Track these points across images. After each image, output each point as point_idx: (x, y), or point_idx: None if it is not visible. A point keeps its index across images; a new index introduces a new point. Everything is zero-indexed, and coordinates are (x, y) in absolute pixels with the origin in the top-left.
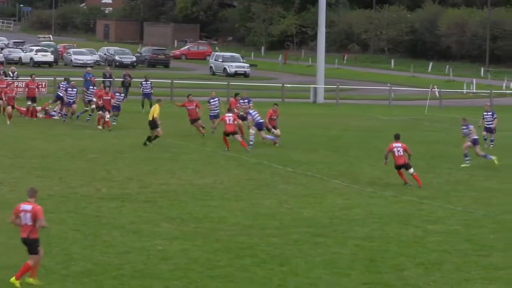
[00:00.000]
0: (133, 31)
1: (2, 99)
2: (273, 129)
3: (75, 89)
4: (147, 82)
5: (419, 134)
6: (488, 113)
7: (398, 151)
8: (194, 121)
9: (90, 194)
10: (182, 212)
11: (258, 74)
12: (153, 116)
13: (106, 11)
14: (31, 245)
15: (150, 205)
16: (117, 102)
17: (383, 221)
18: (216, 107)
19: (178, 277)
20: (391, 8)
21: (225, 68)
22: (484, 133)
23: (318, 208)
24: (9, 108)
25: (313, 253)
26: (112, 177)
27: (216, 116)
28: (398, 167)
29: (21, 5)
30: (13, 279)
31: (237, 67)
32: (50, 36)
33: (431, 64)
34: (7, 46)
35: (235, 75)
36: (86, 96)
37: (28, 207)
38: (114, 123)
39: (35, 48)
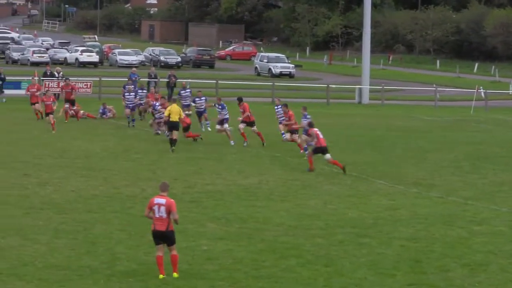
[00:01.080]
0: (178, 31)
1: (37, 103)
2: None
3: (132, 94)
4: (186, 91)
5: (464, 135)
6: None
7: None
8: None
9: (135, 194)
10: (227, 212)
11: (303, 75)
12: (179, 116)
13: (151, 12)
14: (171, 237)
15: (195, 205)
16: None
17: (428, 222)
18: (202, 105)
19: (223, 277)
20: (437, 8)
21: (270, 69)
22: None
23: (362, 209)
24: (49, 117)
25: (358, 253)
26: (157, 177)
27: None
28: (319, 151)
29: (66, 6)
30: (174, 274)
31: (282, 67)
32: (95, 36)
33: (476, 64)
34: (52, 46)
35: (280, 75)
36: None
37: (162, 200)
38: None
39: (81, 48)
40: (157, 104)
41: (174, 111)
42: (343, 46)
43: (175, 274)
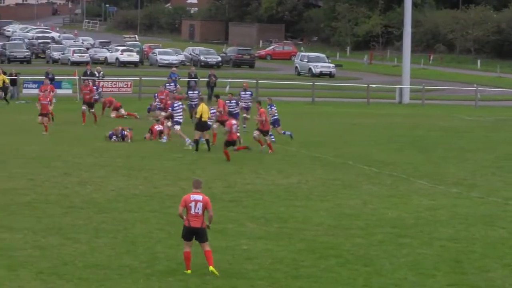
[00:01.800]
0: (218, 31)
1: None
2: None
3: (235, 100)
4: (246, 93)
5: (505, 135)
6: None
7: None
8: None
9: (175, 194)
10: (266, 212)
11: (343, 74)
12: (201, 116)
13: (192, 11)
14: (204, 235)
15: (235, 205)
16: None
17: (468, 222)
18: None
19: (262, 277)
20: (477, 8)
21: (310, 68)
22: None
23: (403, 209)
24: (40, 117)
25: (398, 254)
26: (197, 176)
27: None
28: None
29: (107, 5)
30: (211, 267)
31: (322, 67)
32: (136, 36)
33: None
34: (93, 46)
35: (321, 75)
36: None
37: (199, 197)
38: None
39: (121, 48)
40: (176, 104)
41: (206, 111)
42: (384, 45)
43: (211, 268)
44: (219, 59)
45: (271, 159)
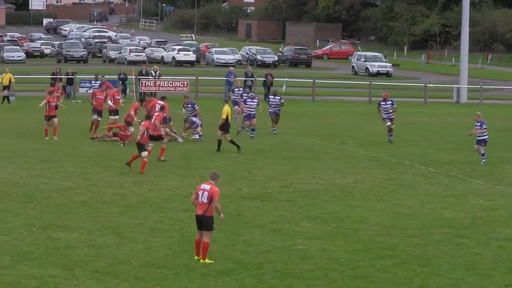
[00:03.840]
0: (275, 30)
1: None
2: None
3: (256, 100)
4: (275, 98)
5: None
6: (387, 103)
7: None
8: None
9: (231, 193)
10: (323, 212)
11: (401, 74)
12: (227, 116)
13: (248, 11)
14: (207, 223)
15: (291, 205)
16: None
17: None
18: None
19: (318, 276)
20: None
21: (367, 68)
22: None
23: (460, 209)
24: (52, 121)
25: (455, 254)
26: (252, 176)
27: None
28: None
29: (164, 5)
30: (202, 260)
31: (379, 66)
32: (192, 35)
33: None
34: (149, 45)
35: (378, 74)
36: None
37: (207, 187)
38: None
39: (178, 47)
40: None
41: (229, 112)
42: (441, 45)
43: (201, 260)
44: (276, 58)
45: (328, 159)
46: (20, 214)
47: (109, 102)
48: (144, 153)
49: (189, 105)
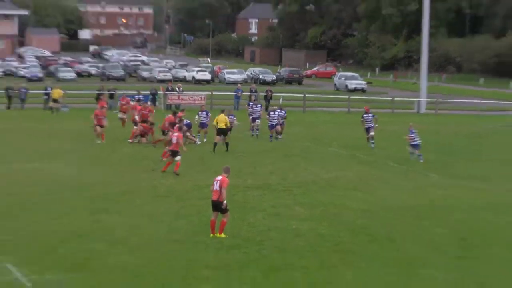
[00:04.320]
0: (274, 55)
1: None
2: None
3: (260, 105)
4: (275, 113)
5: (503, 138)
6: (369, 115)
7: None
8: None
9: (238, 184)
10: (312, 199)
11: (373, 90)
12: (225, 124)
13: (253, 40)
14: (220, 206)
15: (287, 194)
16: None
17: (474, 209)
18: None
19: (308, 250)
20: (481, 36)
21: (346, 85)
22: None
23: (421, 197)
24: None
25: (417, 232)
26: (256, 171)
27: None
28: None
29: (185, 35)
30: (218, 234)
31: (356, 84)
32: (208, 59)
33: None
34: (174, 67)
35: (355, 90)
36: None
37: (219, 178)
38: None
39: (197, 69)
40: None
41: (221, 120)
42: (405, 67)
43: (217, 234)
44: (274, 77)
45: (317, 158)
46: (72, 201)
47: (136, 117)
48: (178, 157)
49: (204, 112)
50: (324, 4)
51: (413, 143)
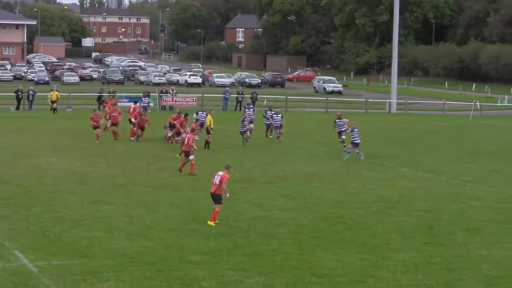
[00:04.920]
0: (259, 61)
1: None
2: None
3: (252, 108)
4: (271, 112)
5: (465, 135)
6: (341, 121)
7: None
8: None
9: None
10: (292, 191)
11: (349, 92)
12: (210, 123)
13: (240, 47)
14: (216, 198)
15: (270, 186)
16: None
17: (438, 198)
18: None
19: (289, 237)
20: (445, 44)
21: (324, 88)
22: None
23: (390, 189)
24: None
25: (387, 221)
26: (243, 165)
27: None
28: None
29: (179, 42)
30: (209, 222)
31: (333, 86)
32: (199, 64)
33: (474, 85)
34: (168, 72)
35: (332, 92)
36: None
37: (220, 173)
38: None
39: (189, 73)
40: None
41: (209, 120)
42: (378, 71)
43: (211, 223)
44: (259, 81)
45: (297, 153)
46: (75, 193)
47: (133, 120)
48: (192, 156)
49: (204, 113)
50: (304, 15)
51: (355, 141)
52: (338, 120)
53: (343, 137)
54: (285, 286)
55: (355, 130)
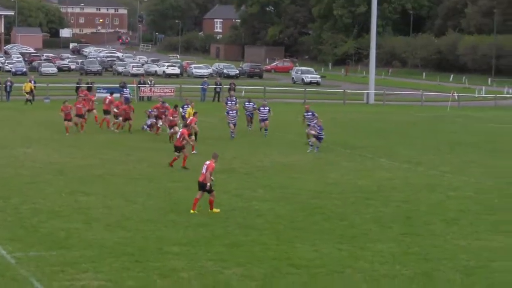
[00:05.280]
0: (237, 52)
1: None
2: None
3: (235, 100)
4: (265, 108)
5: (442, 126)
6: (308, 113)
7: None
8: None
9: None
10: (271, 182)
11: (327, 83)
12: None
13: (218, 38)
14: (205, 187)
15: (249, 176)
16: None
17: (416, 189)
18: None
19: (268, 228)
20: (423, 35)
21: (302, 79)
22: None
23: (368, 179)
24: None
25: (365, 211)
26: (223, 156)
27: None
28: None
29: (157, 33)
30: (210, 210)
31: (311, 77)
32: (177, 55)
33: (452, 76)
34: (146, 62)
35: (310, 83)
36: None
37: (207, 162)
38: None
39: (167, 64)
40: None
41: (189, 112)
42: (356, 62)
43: (213, 210)
44: (237, 72)
45: (275, 144)
46: (53, 184)
47: (115, 109)
48: (184, 151)
49: (189, 106)
50: (282, 5)
51: (319, 137)
52: (306, 114)
53: (312, 132)
54: (263, 276)
55: (322, 127)
